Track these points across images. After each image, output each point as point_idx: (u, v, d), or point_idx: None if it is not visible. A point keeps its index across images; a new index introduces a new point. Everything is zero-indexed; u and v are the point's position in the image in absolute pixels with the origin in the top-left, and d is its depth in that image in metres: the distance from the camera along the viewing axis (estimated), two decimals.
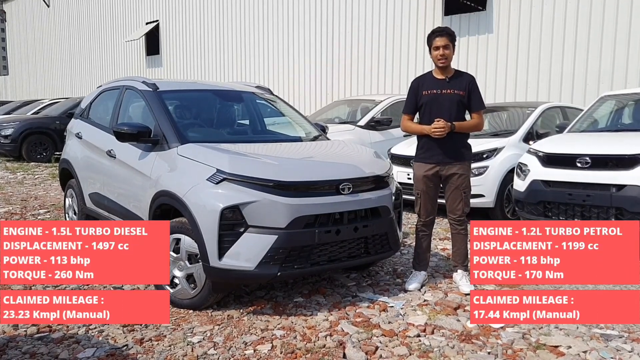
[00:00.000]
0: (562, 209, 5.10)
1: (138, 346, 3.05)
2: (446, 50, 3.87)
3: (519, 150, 6.21)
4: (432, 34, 3.95)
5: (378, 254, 3.89)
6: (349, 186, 3.59)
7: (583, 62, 9.18)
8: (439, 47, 3.88)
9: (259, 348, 3.03)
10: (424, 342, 3.12)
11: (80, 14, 22.83)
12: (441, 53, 3.87)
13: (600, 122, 6.27)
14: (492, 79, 10.25)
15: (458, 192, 3.98)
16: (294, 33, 13.97)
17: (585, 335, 3.22)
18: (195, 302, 3.55)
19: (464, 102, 3.95)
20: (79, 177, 5.23)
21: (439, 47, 3.88)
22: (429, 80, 4.01)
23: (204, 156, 3.64)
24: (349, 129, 7.92)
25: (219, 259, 3.30)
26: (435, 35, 3.92)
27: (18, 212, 6.83)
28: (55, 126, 12.79)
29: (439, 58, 3.90)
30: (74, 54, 23.54)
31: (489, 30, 10.33)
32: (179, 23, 17.61)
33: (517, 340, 3.15)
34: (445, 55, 3.87)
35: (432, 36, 3.94)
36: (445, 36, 3.88)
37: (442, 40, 3.87)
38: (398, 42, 11.73)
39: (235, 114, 5.14)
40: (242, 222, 3.31)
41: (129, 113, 4.80)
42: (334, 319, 3.46)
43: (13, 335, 3.19)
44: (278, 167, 3.56)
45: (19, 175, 10.47)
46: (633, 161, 4.75)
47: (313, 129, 4.91)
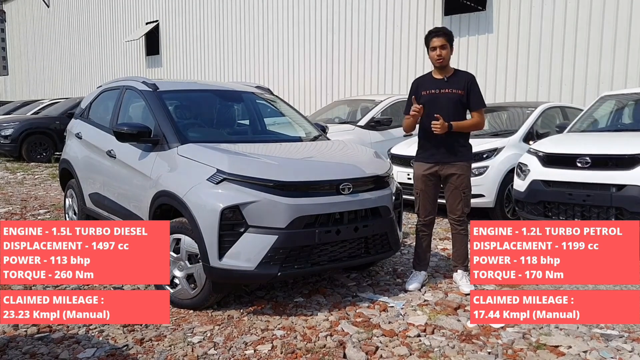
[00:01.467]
0: (562, 209, 5.10)
1: (138, 346, 3.05)
2: (443, 50, 3.88)
3: (519, 150, 6.21)
4: (429, 34, 3.97)
5: (378, 254, 3.89)
6: (349, 186, 3.59)
7: (583, 62, 9.18)
8: (436, 47, 3.90)
9: (259, 348, 3.03)
10: (424, 342, 3.12)
11: (80, 14, 22.83)
12: (438, 53, 3.89)
13: (600, 122, 6.27)
14: (492, 79, 10.25)
15: (457, 192, 3.98)
16: (293, 33, 13.98)
17: (585, 335, 3.22)
18: (196, 302, 3.55)
19: (463, 101, 3.95)
20: (79, 177, 5.23)
21: (435, 48, 3.90)
22: (428, 81, 4.03)
23: (204, 156, 3.64)
24: (349, 129, 7.92)
25: (219, 259, 3.30)
26: (432, 35, 3.94)
27: (18, 213, 6.83)
28: (55, 126, 12.79)
29: (436, 58, 3.91)
30: (74, 54, 23.54)
31: (488, 30, 10.33)
32: (178, 23, 17.61)
33: (517, 340, 3.15)
34: (442, 55, 3.89)
35: (429, 36, 3.96)
36: (442, 36, 3.89)
37: (439, 40, 3.89)
38: (398, 42, 11.73)
39: (235, 114, 5.14)
40: (242, 222, 3.31)
41: (129, 113, 4.80)
42: (334, 319, 3.46)
43: (13, 335, 3.19)
44: (278, 167, 3.56)
45: (19, 176, 10.47)
46: (633, 161, 4.75)
47: (313, 129, 4.91)
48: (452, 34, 3.99)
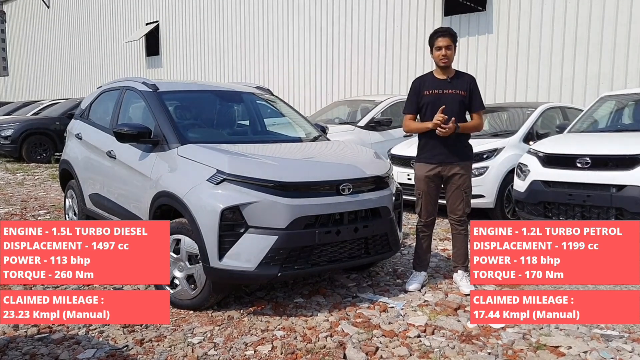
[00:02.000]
0: (562, 209, 5.09)
1: (138, 347, 3.05)
2: (448, 50, 3.88)
3: (519, 151, 6.21)
4: (435, 33, 3.96)
5: (378, 255, 3.89)
6: (349, 187, 3.59)
7: (583, 63, 9.19)
8: (441, 47, 3.89)
9: (260, 349, 3.03)
10: (424, 343, 3.12)
11: (80, 15, 22.84)
12: (443, 53, 3.88)
13: (600, 122, 6.27)
14: (492, 79, 10.25)
15: (459, 192, 3.98)
16: (293, 34, 13.98)
17: (585, 335, 3.21)
18: (196, 302, 3.55)
19: (466, 102, 3.95)
20: (79, 178, 5.23)
21: (441, 47, 3.89)
22: (430, 81, 4.01)
23: (204, 157, 3.64)
24: (349, 129, 7.93)
25: (219, 259, 3.30)
26: (437, 35, 3.93)
27: (18, 213, 6.83)
28: (55, 127, 12.79)
29: (441, 58, 3.90)
30: (74, 55, 23.55)
31: (489, 30, 10.33)
32: (178, 24, 17.62)
33: (517, 340, 3.15)
34: (448, 56, 3.88)
35: (434, 36, 3.95)
36: (447, 36, 3.89)
37: (444, 40, 3.88)
38: (398, 43, 11.74)
39: (235, 114, 5.14)
40: (243, 223, 3.31)
41: (129, 114, 4.80)
42: (335, 319, 3.45)
43: (13, 335, 3.18)
44: (278, 168, 3.56)
45: (19, 176, 10.47)
46: (633, 161, 4.75)
47: (313, 130, 4.91)
48: (457, 35, 4.00)
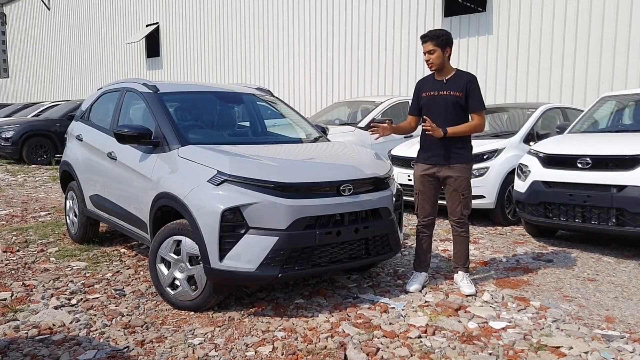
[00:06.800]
0: (563, 210, 5.09)
1: (139, 348, 3.05)
2: (431, 55, 3.92)
3: (520, 151, 6.22)
4: (420, 39, 4.02)
5: (379, 255, 3.89)
6: (350, 187, 3.59)
7: (583, 63, 9.19)
8: (425, 52, 3.97)
9: (260, 349, 3.03)
10: (425, 343, 3.12)
11: (81, 16, 22.87)
12: (427, 58, 3.96)
13: (601, 122, 6.27)
14: (492, 80, 10.25)
15: (456, 194, 3.98)
16: (294, 35, 13.99)
17: (586, 336, 3.21)
18: (196, 303, 3.55)
19: (461, 103, 3.92)
20: (80, 179, 5.23)
21: (425, 53, 3.97)
22: (429, 82, 4.05)
23: (205, 158, 3.64)
24: (350, 130, 7.94)
25: (219, 260, 3.30)
26: (421, 41, 4.00)
27: (19, 215, 6.83)
28: (55, 128, 12.80)
29: (426, 63, 3.97)
30: (75, 57, 23.58)
31: (488, 31, 10.34)
32: (179, 25, 17.64)
33: (518, 341, 3.15)
34: (431, 60, 3.93)
35: (421, 42, 4.02)
36: (428, 41, 3.93)
37: (425, 46, 3.95)
38: (398, 44, 11.74)
39: (236, 115, 5.14)
40: (243, 224, 3.31)
41: (130, 115, 4.80)
42: (335, 320, 3.45)
43: (14, 337, 3.18)
44: (278, 169, 3.56)
45: (19, 178, 10.48)
46: (634, 162, 4.75)
47: (313, 131, 4.92)
48: (444, 36, 3.91)
